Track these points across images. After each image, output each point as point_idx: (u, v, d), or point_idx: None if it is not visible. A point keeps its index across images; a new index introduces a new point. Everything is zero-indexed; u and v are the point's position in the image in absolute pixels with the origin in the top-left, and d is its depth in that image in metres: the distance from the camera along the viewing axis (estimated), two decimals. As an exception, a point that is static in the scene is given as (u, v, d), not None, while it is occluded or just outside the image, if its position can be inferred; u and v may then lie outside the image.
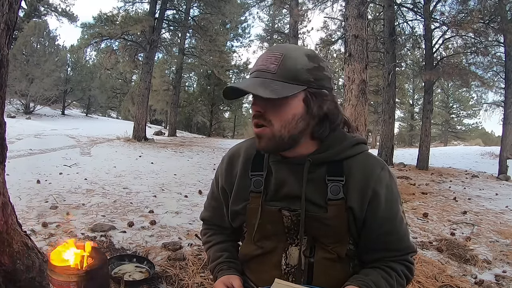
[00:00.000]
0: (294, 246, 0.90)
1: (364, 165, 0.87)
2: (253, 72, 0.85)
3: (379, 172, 0.87)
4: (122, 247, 2.46)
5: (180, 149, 10.69)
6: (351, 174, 0.86)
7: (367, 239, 0.88)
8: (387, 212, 0.86)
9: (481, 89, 13.91)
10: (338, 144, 0.88)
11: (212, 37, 13.89)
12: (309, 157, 0.87)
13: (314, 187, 0.86)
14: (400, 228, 0.89)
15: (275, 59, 0.82)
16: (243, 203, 0.94)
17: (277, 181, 0.89)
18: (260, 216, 0.89)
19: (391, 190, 0.88)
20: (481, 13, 8.28)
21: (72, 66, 21.73)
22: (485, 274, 2.55)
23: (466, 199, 5.73)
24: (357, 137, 0.92)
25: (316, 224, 0.86)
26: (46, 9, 20.72)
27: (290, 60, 0.82)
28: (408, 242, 0.91)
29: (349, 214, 0.86)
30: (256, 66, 0.85)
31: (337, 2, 11.03)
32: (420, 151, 10.14)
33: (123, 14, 12.61)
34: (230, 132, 28.73)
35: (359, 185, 0.85)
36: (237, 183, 0.96)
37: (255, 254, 0.94)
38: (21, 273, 1.49)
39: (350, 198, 0.85)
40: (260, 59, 0.85)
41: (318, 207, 0.86)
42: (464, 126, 28.16)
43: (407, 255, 0.90)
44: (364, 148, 0.92)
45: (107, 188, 4.48)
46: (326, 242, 0.87)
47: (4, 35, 1.33)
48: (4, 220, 1.46)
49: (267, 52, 0.86)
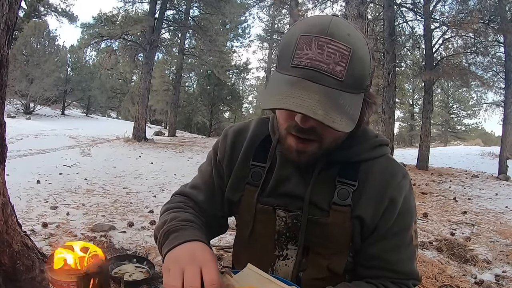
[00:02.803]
0: (281, 260, 0.79)
1: (384, 171, 0.75)
2: (305, 68, 0.59)
3: (400, 180, 0.75)
4: (122, 247, 2.46)
5: (180, 149, 10.69)
6: (368, 179, 0.74)
7: (368, 252, 0.77)
8: (398, 225, 0.75)
9: (481, 89, 13.89)
10: (357, 144, 0.75)
11: (212, 37, 13.89)
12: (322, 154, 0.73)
13: (320, 187, 0.74)
14: (408, 248, 0.77)
15: (341, 57, 0.58)
16: (237, 193, 0.82)
17: (279, 175, 0.77)
18: (253, 213, 0.78)
19: (408, 202, 0.76)
20: (481, 13, 8.28)
21: (72, 66, 21.73)
22: (485, 274, 2.55)
23: (466, 199, 5.73)
24: (379, 138, 0.79)
25: (314, 229, 0.74)
26: (46, 9, 20.73)
27: (360, 61, 0.60)
28: (412, 267, 0.78)
29: (356, 225, 0.74)
30: (310, 58, 0.58)
31: (337, 2, 11.03)
32: (420, 151, 10.15)
33: (123, 14, 12.63)
34: (230, 132, 28.67)
35: (376, 192, 0.74)
36: (236, 170, 0.82)
37: (245, 259, 0.81)
38: (21, 273, 1.49)
39: (360, 206, 0.73)
40: (315, 48, 0.58)
41: (319, 210, 0.74)
42: (464, 126, 28.14)
43: (409, 281, 0.77)
44: (386, 151, 0.79)
45: (107, 188, 4.48)
46: (322, 252, 0.76)
47: (4, 35, 1.33)
48: (4, 220, 1.46)
49: (329, 39, 0.58)
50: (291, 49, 0.60)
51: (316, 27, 0.60)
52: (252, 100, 31.87)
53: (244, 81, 30.59)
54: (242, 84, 30.60)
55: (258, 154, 0.80)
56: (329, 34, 0.59)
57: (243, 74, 26.66)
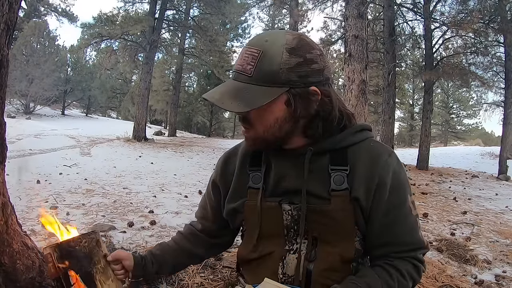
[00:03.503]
0: (292, 254, 0.83)
1: (369, 152, 0.81)
2: (233, 72, 0.79)
3: (386, 158, 0.80)
4: (122, 247, 2.46)
5: (180, 149, 10.69)
6: (356, 162, 0.80)
7: (372, 232, 0.81)
8: (393, 200, 0.79)
9: (481, 89, 13.87)
10: (340, 132, 0.82)
11: (212, 37, 13.89)
12: (310, 146, 0.80)
13: (317, 178, 0.80)
14: (408, 219, 0.81)
15: (252, 59, 0.73)
16: (240, 200, 0.88)
17: (277, 175, 0.83)
18: (259, 213, 0.83)
19: (398, 177, 0.80)
20: (481, 13, 8.28)
21: (72, 66, 21.75)
22: (485, 274, 2.55)
23: (466, 199, 5.73)
24: (360, 123, 0.85)
25: (319, 218, 0.79)
26: (46, 9, 20.75)
27: (267, 59, 0.72)
28: (417, 236, 0.81)
29: (355, 206, 0.78)
30: (236, 64, 0.78)
31: (337, 2, 11.03)
32: (420, 151, 10.14)
33: (123, 14, 12.62)
34: (230, 132, 28.72)
35: (365, 173, 0.79)
36: (235, 181, 0.90)
37: (252, 258, 0.88)
38: (21, 273, 1.49)
39: (355, 188, 0.78)
40: (240, 56, 0.77)
41: (321, 200, 0.79)
42: (464, 126, 28.15)
43: (415, 252, 0.81)
44: (369, 134, 0.86)
45: (107, 188, 4.47)
46: (331, 239, 0.80)
47: (4, 35, 1.32)
48: (4, 220, 1.46)
49: (247, 47, 0.76)
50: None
51: (250, 41, 0.78)
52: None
53: (244, 81, 30.53)
54: (242, 84, 30.56)
55: (253, 161, 0.88)
56: (249, 43, 0.77)
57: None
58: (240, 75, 0.75)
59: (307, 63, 0.74)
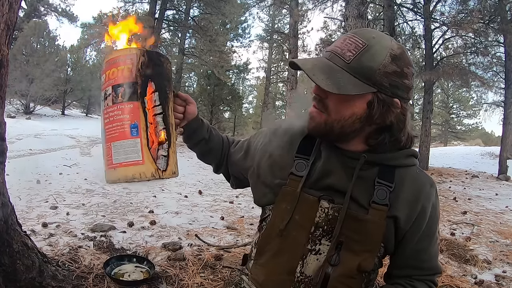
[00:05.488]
0: (313, 254, 0.81)
1: (415, 179, 0.84)
2: (327, 51, 0.77)
3: (429, 189, 0.84)
4: (122, 247, 2.46)
5: (180, 149, 10.68)
6: (402, 184, 0.82)
7: (401, 254, 0.85)
8: (427, 230, 0.84)
9: (481, 89, 13.88)
10: (392, 150, 0.83)
11: (212, 37, 13.89)
12: (364, 153, 0.81)
13: (362, 186, 0.81)
14: (434, 248, 0.87)
15: (355, 47, 0.74)
16: (278, 180, 0.86)
17: (323, 169, 0.83)
18: (295, 202, 0.82)
19: (435, 209, 0.86)
20: (481, 13, 8.28)
21: (72, 66, 21.72)
22: (485, 274, 2.55)
23: (466, 199, 5.74)
24: (412, 149, 0.87)
25: (353, 225, 0.79)
26: (46, 9, 20.74)
27: (369, 55, 0.73)
28: (436, 262, 0.89)
29: (390, 224, 0.80)
30: (334, 45, 0.77)
31: (337, 2, 11.01)
32: (420, 151, 10.13)
33: (123, 14, 12.61)
34: (230, 132, 28.70)
35: (409, 197, 0.81)
36: (278, 156, 0.89)
37: (273, 250, 0.85)
38: (21, 273, 1.49)
39: (396, 208, 0.80)
40: (340, 40, 0.77)
41: (359, 207, 0.80)
42: (464, 126, 28.11)
43: (433, 276, 0.88)
44: (416, 162, 0.88)
45: (107, 188, 4.47)
46: (356, 248, 0.80)
47: (4, 35, 1.33)
48: (4, 220, 1.46)
49: (351, 35, 0.76)
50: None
51: (356, 31, 0.78)
52: (252, 100, 31.86)
53: (244, 81, 30.54)
54: (242, 84, 30.54)
55: (303, 148, 0.87)
56: (355, 32, 0.76)
57: (243, 74, 26.61)
58: (336, 57, 0.75)
59: (402, 76, 0.75)
